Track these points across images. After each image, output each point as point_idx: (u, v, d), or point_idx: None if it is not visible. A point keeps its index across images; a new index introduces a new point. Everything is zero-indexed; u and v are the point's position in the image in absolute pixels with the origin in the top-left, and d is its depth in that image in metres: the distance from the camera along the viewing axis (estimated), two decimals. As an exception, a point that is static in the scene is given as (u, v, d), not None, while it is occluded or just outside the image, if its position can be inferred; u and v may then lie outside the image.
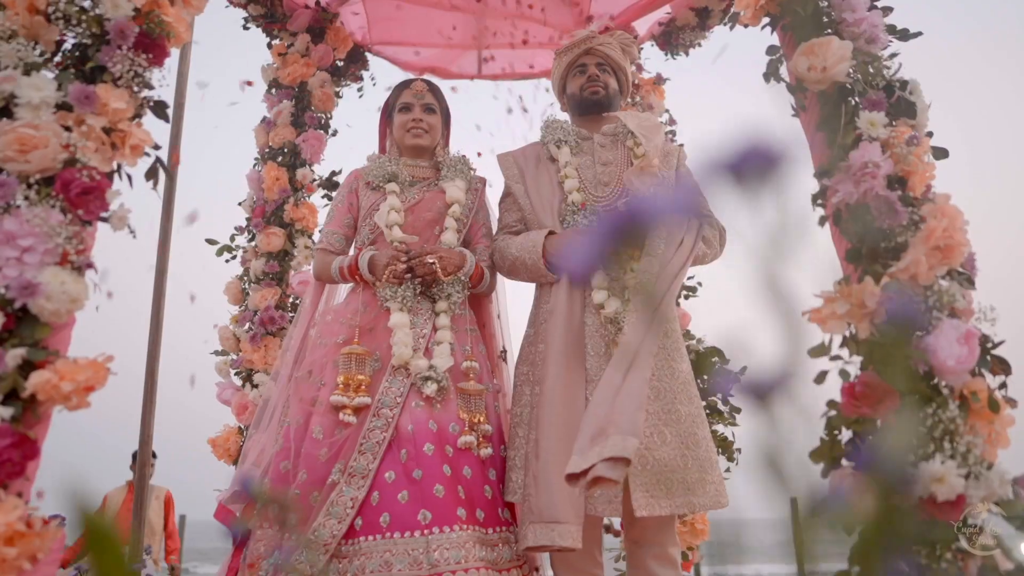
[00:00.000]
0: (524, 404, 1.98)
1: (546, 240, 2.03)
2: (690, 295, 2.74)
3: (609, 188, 2.12)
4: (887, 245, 1.39)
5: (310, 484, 1.79)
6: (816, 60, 1.53)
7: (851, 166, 1.41)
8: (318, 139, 2.80)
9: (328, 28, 3.02)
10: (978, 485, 1.21)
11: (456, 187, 2.14)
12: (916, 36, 1.72)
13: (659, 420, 1.88)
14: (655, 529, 1.92)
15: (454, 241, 2.09)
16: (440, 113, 2.25)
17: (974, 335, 1.29)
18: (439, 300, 2.02)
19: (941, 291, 1.30)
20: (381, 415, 1.85)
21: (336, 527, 1.73)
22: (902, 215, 1.37)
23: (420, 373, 1.89)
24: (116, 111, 1.41)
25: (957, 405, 1.28)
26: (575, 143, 2.19)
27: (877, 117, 1.47)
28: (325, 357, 1.96)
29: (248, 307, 2.57)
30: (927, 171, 1.48)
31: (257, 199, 2.74)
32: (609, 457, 1.50)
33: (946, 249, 1.36)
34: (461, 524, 1.74)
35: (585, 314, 1.99)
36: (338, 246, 2.15)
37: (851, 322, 1.34)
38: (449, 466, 1.81)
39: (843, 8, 1.62)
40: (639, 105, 2.91)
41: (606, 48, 2.24)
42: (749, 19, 1.69)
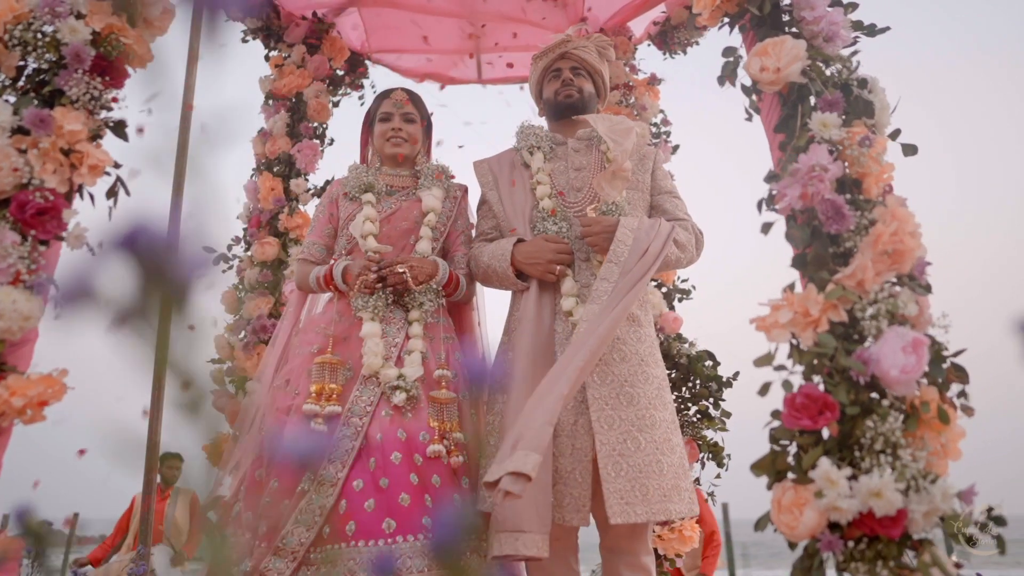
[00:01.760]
0: (496, 412, 1.98)
1: (515, 248, 2.02)
2: (684, 298, 2.70)
3: (582, 193, 2.11)
4: (835, 251, 1.35)
5: (281, 492, 1.82)
6: (769, 60, 1.50)
7: (799, 169, 1.38)
8: (312, 149, 2.85)
9: (324, 39, 3.07)
10: (920, 499, 1.17)
11: (432, 196, 2.15)
12: (883, 31, 1.67)
13: (633, 426, 1.85)
14: (628, 537, 1.91)
15: (428, 250, 2.10)
16: (420, 122, 2.27)
17: (922, 343, 1.25)
18: (412, 309, 2.03)
19: (884, 299, 1.25)
20: (351, 424, 1.87)
21: (304, 535, 1.75)
22: (849, 219, 1.33)
23: (389, 382, 1.90)
24: (72, 133, 1.45)
25: (904, 416, 1.24)
26: (549, 148, 2.18)
27: (830, 118, 1.43)
28: (301, 366, 1.99)
29: (242, 316, 2.63)
30: (883, 172, 1.43)
31: (253, 209, 2.79)
32: (512, 471, 1.49)
33: (895, 254, 1.31)
34: (426, 533, 1.74)
35: (555, 321, 1.98)
36: (318, 256, 2.18)
37: (794, 331, 1.30)
38: (417, 475, 1.82)
39: (802, 6, 1.58)
40: (633, 107, 2.88)
41: (581, 52, 2.23)
42: (707, 20, 1.66)
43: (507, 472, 1.53)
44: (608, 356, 1.91)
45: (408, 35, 3.28)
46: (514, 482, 1.53)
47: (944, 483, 1.18)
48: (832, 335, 1.29)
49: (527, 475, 1.53)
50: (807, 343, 1.29)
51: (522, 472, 1.52)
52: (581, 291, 1.98)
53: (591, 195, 2.08)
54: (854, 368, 1.21)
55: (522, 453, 1.55)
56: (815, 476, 1.20)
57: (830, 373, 1.27)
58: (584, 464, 1.85)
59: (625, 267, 1.89)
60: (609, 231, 1.94)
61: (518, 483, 1.53)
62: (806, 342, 1.29)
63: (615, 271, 1.89)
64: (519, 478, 1.53)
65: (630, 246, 1.92)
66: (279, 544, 1.74)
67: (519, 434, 1.61)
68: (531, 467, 1.53)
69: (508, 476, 1.53)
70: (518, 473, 1.53)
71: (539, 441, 1.57)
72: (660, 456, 1.85)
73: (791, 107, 1.53)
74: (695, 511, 1.90)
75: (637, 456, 1.82)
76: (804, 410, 1.24)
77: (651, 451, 1.84)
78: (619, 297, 1.85)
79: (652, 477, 1.81)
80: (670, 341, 2.57)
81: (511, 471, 1.53)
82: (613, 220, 1.97)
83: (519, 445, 1.58)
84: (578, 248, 2.03)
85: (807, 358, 1.27)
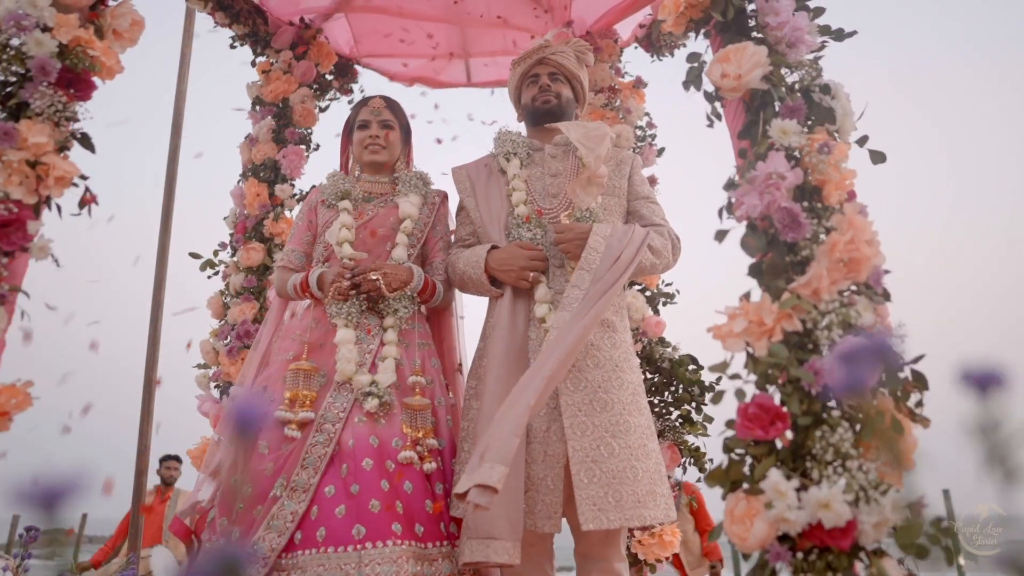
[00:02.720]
0: (471, 418, 1.99)
1: (489, 254, 2.03)
2: (668, 302, 2.69)
3: (557, 200, 2.11)
4: (793, 259, 1.35)
5: (254, 498, 1.83)
6: (730, 67, 1.49)
7: (756, 177, 1.37)
8: (298, 154, 2.86)
9: (311, 44, 3.08)
10: (870, 510, 1.16)
11: (409, 202, 2.16)
12: (850, 36, 1.66)
13: (607, 432, 1.85)
14: (601, 544, 1.91)
15: (404, 256, 2.11)
16: (399, 129, 2.28)
17: (877, 353, 1.24)
18: (387, 316, 2.04)
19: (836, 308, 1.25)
20: (324, 430, 1.88)
21: (276, 540, 1.76)
22: (805, 227, 1.32)
23: (362, 389, 1.91)
24: (37, 145, 1.47)
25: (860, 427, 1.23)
26: (526, 155, 2.18)
27: (789, 125, 1.42)
28: (277, 373, 2.01)
29: (228, 321, 2.64)
30: (844, 179, 1.42)
31: (239, 215, 2.81)
32: (478, 484, 1.50)
33: (851, 263, 1.30)
34: (396, 539, 1.75)
35: (529, 328, 1.98)
36: (297, 263, 2.19)
37: (748, 340, 1.30)
38: (388, 481, 1.83)
39: (766, 12, 1.57)
40: (618, 110, 2.88)
41: (559, 57, 2.23)
42: (672, 26, 1.65)
43: (474, 484, 1.54)
44: (582, 362, 1.91)
45: (396, 40, 3.29)
46: (480, 494, 1.54)
47: (894, 494, 1.17)
48: (787, 344, 1.29)
49: (493, 487, 1.54)
50: (761, 352, 1.28)
51: (488, 484, 1.53)
52: (555, 298, 1.98)
53: (567, 201, 2.08)
54: (804, 378, 1.21)
55: (488, 465, 1.56)
56: (765, 487, 1.19)
57: (786, 383, 1.27)
58: (556, 470, 1.85)
59: (597, 274, 1.89)
60: (582, 238, 1.94)
61: (484, 495, 1.54)
62: (760, 351, 1.28)
63: (586, 278, 1.89)
64: (485, 490, 1.54)
65: (602, 253, 1.92)
66: (250, 550, 1.75)
67: (486, 445, 1.62)
68: (496, 479, 1.54)
69: (475, 488, 1.54)
70: (484, 485, 1.54)
71: (505, 452, 1.57)
72: (635, 462, 1.85)
73: (754, 113, 1.52)
74: (672, 517, 1.90)
75: (611, 462, 1.82)
76: (756, 420, 1.24)
77: (625, 457, 1.84)
78: (590, 304, 1.85)
79: (626, 483, 1.81)
80: (652, 345, 2.56)
81: (477, 483, 1.54)
82: (586, 227, 1.97)
83: (486, 456, 1.59)
84: (553, 255, 2.03)
85: (761, 368, 1.27)
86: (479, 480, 1.54)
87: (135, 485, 2.91)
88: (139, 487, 2.92)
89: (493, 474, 1.54)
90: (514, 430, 1.61)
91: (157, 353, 3.07)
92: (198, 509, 1.98)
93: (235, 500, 1.85)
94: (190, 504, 2.03)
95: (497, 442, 1.60)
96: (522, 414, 1.64)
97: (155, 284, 3.14)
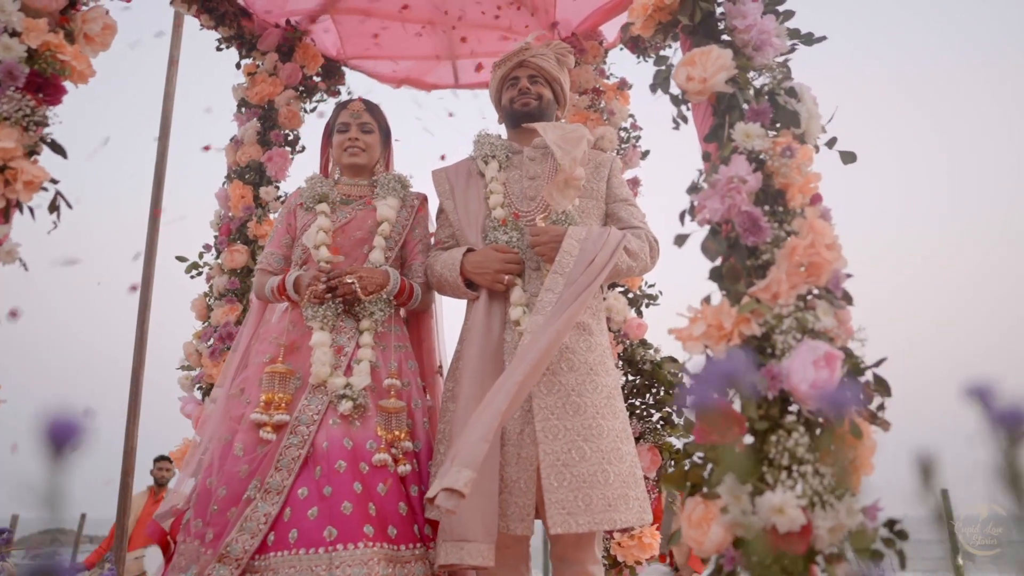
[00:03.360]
0: (447, 420, 1.99)
1: (464, 257, 2.03)
2: (650, 303, 2.69)
3: (535, 202, 2.11)
4: (754, 263, 1.35)
5: (228, 500, 1.84)
6: (695, 71, 1.49)
7: (718, 181, 1.37)
8: (283, 157, 2.87)
9: (297, 46, 3.09)
10: (825, 515, 1.16)
11: (387, 205, 2.17)
12: (820, 40, 1.66)
13: (578, 436, 1.85)
14: (575, 547, 1.91)
15: (381, 259, 2.11)
16: (379, 132, 2.28)
17: (835, 357, 1.23)
18: (363, 319, 2.04)
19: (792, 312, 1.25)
20: (298, 432, 1.89)
21: (248, 542, 1.77)
22: (766, 231, 1.32)
23: (336, 391, 1.92)
24: (4, 150, 1.48)
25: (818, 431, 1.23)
26: (505, 157, 2.18)
27: (752, 128, 1.42)
28: (254, 375, 2.02)
29: (211, 323, 2.65)
30: (808, 182, 1.42)
31: (223, 217, 2.82)
32: (445, 488, 1.51)
33: (811, 267, 1.30)
34: (367, 541, 1.76)
35: (505, 331, 1.99)
36: (276, 266, 2.20)
37: (707, 344, 1.30)
38: (361, 483, 1.83)
39: (734, 15, 1.57)
40: (602, 111, 2.88)
41: (539, 60, 2.23)
42: (640, 29, 1.65)
43: (441, 488, 1.55)
44: (556, 365, 1.91)
45: (383, 42, 3.29)
46: (448, 498, 1.55)
47: (849, 498, 1.17)
48: (747, 348, 1.28)
49: (460, 492, 1.55)
50: (720, 356, 1.28)
51: (455, 488, 1.54)
52: (530, 300, 1.98)
53: (544, 204, 2.08)
54: (758, 383, 1.21)
55: (455, 470, 1.57)
56: (721, 492, 1.19)
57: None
58: (529, 473, 1.85)
59: (570, 278, 1.89)
60: (556, 240, 1.95)
61: (451, 499, 1.55)
62: (719, 355, 1.28)
63: (560, 282, 1.89)
64: (452, 494, 1.55)
65: (575, 256, 1.92)
66: (223, 551, 1.76)
67: (457, 450, 1.63)
68: (463, 483, 1.55)
69: (442, 492, 1.55)
70: (451, 489, 1.55)
71: (473, 457, 1.59)
72: (606, 466, 1.85)
73: (721, 117, 1.52)
74: (645, 520, 1.90)
75: (582, 466, 1.82)
76: (714, 424, 1.24)
77: (596, 461, 1.84)
78: (564, 307, 1.85)
79: (596, 487, 1.81)
80: (634, 347, 2.56)
81: (444, 487, 1.55)
82: (561, 230, 1.97)
83: (455, 461, 1.60)
84: (529, 258, 2.03)
85: (719, 372, 1.27)
86: (446, 484, 1.55)
87: (121, 485, 2.93)
88: (125, 487, 2.93)
89: (460, 478, 1.55)
90: (483, 435, 1.62)
91: (144, 353, 3.08)
92: (173, 512, 1.99)
93: (210, 502, 1.86)
94: (168, 507, 2.04)
95: (466, 447, 1.61)
96: (493, 419, 1.64)
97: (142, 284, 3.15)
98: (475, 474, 1.57)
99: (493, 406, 1.66)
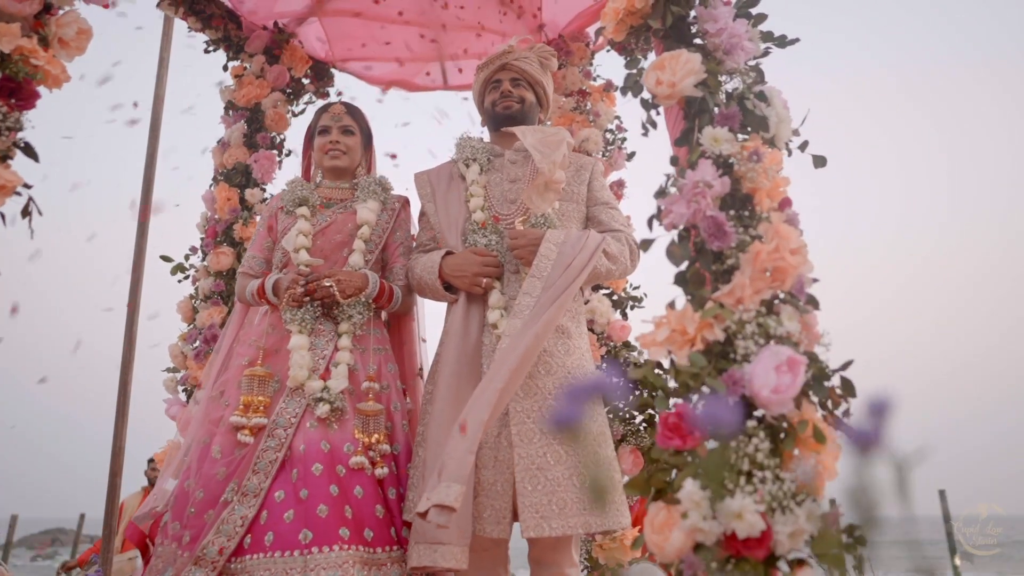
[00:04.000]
0: (425, 423, 1.99)
1: (443, 260, 2.03)
2: (635, 306, 2.69)
3: (515, 205, 2.11)
4: (719, 268, 1.35)
5: (206, 503, 1.84)
6: (664, 74, 1.49)
7: (685, 185, 1.37)
8: (269, 159, 2.87)
9: (284, 48, 3.09)
10: (785, 520, 1.16)
11: (367, 208, 2.17)
12: (792, 43, 1.66)
13: (555, 439, 1.86)
14: (552, 550, 1.91)
15: (360, 262, 2.11)
16: (360, 134, 2.28)
17: (798, 362, 1.23)
18: (341, 322, 2.05)
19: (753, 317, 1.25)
20: (275, 435, 1.89)
21: (225, 544, 1.77)
22: (730, 236, 1.32)
23: (313, 394, 1.92)
24: (-24, 155, 1.48)
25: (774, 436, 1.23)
26: (486, 160, 2.19)
27: (720, 132, 1.42)
28: (233, 378, 2.02)
29: (196, 325, 2.66)
30: (776, 186, 1.42)
31: (210, 219, 2.83)
32: (436, 504, 1.52)
33: (776, 272, 1.30)
34: (342, 544, 1.76)
35: (483, 334, 1.99)
36: (257, 269, 2.21)
37: (671, 349, 1.30)
38: (338, 486, 1.84)
39: (705, 19, 1.57)
40: (588, 113, 2.88)
41: (522, 63, 2.23)
42: (612, 33, 1.65)
43: (432, 504, 1.56)
44: (534, 369, 1.91)
45: (371, 43, 3.30)
46: (439, 514, 1.57)
47: (810, 504, 1.17)
48: (710, 354, 1.29)
49: (451, 507, 1.56)
50: (682, 361, 1.28)
51: (446, 504, 1.56)
52: (509, 303, 1.98)
53: (524, 207, 2.08)
54: (717, 389, 1.21)
55: (445, 485, 1.58)
56: (681, 497, 1.19)
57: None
58: (506, 476, 1.85)
59: (548, 281, 1.89)
60: (534, 244, 1.95)
61: (443, 515, 1.57)
62: (681, 360, 1.28)
63: (538, 285, 1.89)
64: (444, 510, 1.56)
65: (553, 260, 1.92)
66: (199, 554, 1.76)
67: (443, 463, 1.63)
68: (454, 498, 1.57)
69: (433, 508, 1.56)
70: (442, 505, 1.56)
71: (461, 471, 1.60)
72: (583, 469, 1.85)
73: (691, 121, 1.52)
74: (622, 524, 1.90)
75: (557, 469, 1.83)
76: (675, 430, 1.23)
77: (572, 464, 1.84)
78: (542, 311, 1.85)
79: (572, 490, 1.82)
80: (617, 349, 2.56)
81: (435, 504, 1.56)
82: (539, 233, 1.97)
83: (443, 475, 1.60)
84: (508, 261, 2.03)
85: (682, 377, 1.27)
86: (437, 500, 1.57)
87: (109, 486, 2.94)
88: (113, 488, 2.94)
89: (451, 493, 1.56)
90: (469, 447, 1.63)
91: (133, 353, 3.09)
92: (152, 514, 2.00)
93: (187, 504, 1.87)
94: (147, 509, 2.05)
95: (453, 461, 1.62)
96: (476, 431, 1.65)
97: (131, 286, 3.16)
98: (464, 487, 1.58)
99: (475, 417, 1.67)
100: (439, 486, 1.57)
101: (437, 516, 1.54)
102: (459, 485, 1.58)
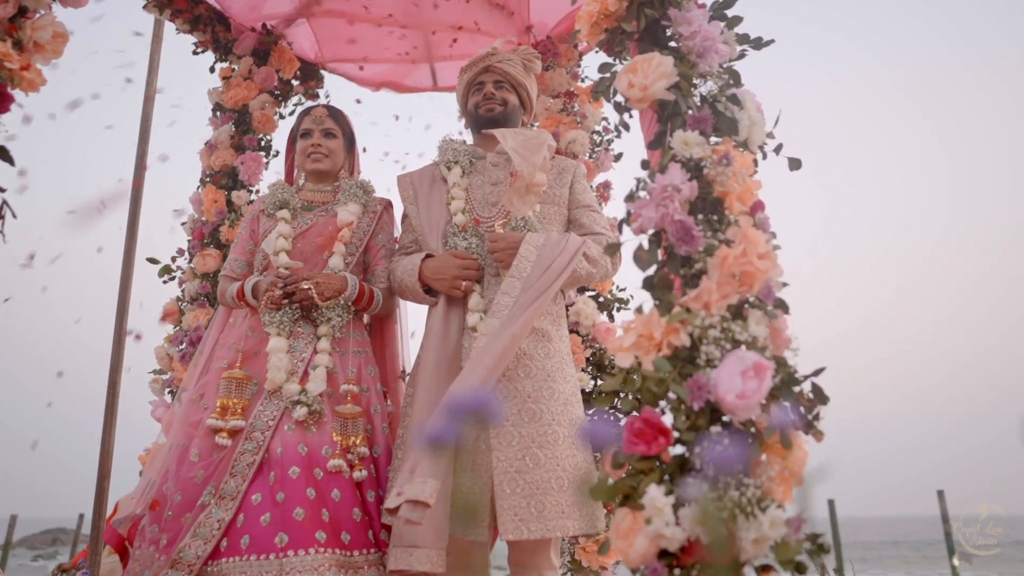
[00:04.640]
0: (405, 425, 1.99)
1: (423, 263, 2.03)
2: (622, 307, 2.68)
3: (496, 208, 2.11)
4: (687, 272, 1.34)
5: (183, 506, 1.84)
6: (637, 78, 1.48)
7: (654, 189, 1.37)
8: (256, 161, 2.87)
9: (272, 50, 3.09)
10: (749, 526, 1.16)
11: (348, 211, 2.17)
12: (768, 44, 1.65)
13: (533, 443, 1.85)
14: (531, 553, 1.91)
15: (340, 265, 2.11)
16: (342, 137, 2.28)
17: (765, 368, 1.23)
18: (321, 324, 2.05)
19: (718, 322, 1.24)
20: (253, 438, 1.89)
21: (201, 548, 1.77)
22: (698, 241, 1.31)
23: (292, 397, 1.92)
24: (-51, 159, 1.49)
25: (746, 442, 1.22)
26: (468, 163, 2.18)
27: (691, 136, 1.41)
28: (213, 381, 2.02)
29: (182, 327, 2.66)
30: (747, 190, 1.41)
31: (197, 221, 2.83)
32: (410, 500, 1.51)
33: (744, 276, 1.30)
34: (319, 547, 1.76)
35: (463, 337, 1.99)
36: (239, 272, 2.21)
37: (638, 354, 1.29)
38: (315, 489, 1.83)
39: (679, 22, 1.56)
40: (575, 115, 2.87)
41: (505, 65, 2.22)
42: (586, 36, 1.65)
43: (405, 500, 1.55)
44: (513, 372, 1.91)
45: (360, 44, 3.29)
46: (412, 510, 1.56)
47: (774, 510, 1.16)
48: (677, 359, 1.28)
49: (425, 503, 1.55)
50: (648, 367, 1.27)
51: (420, 500, 1.55)
52: (488, 307, 1.98)
53: (504, 210, 2.08)
54: (679, 394, 1.20)
55: (419, 480, 1.58)
56: (645, 503, 1.19)
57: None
58: (484, 479, 1.85)
59: (527, 282, 1.89)
60: (514, 247, 1.94)
61: (416, 511, 1.56)
62: (647, 365, 1.28)
63: (516, 286, 1.89)
64: (417, 506, 1.56)
65: (533, 261, 1.92)
66: (176, 557, 1.76)
67: (417, 459, 1.63)
68: (428, 494, 1.56)
69: (406, 504, 1.55)
70: (416, 501, 1.55)
71: (435, 467, 1.59)
72: (561, 473, 1.85)
73: (664, 124, 1.51)
74: (598, 528, 1.90)
75: (535, 472, 1.82)
76: (641, 435, 1.23)
77: (551, 468, 1.84)
78: (520, 312, 1.85)
79: (550, 494, 1.81)
80: (603, 351, 2.56)
81: (409, 499, 1.55)
82: (518, 235, 1.97)
83: (417, 471, 1.60)
84: (488, 264, 2.03)
85: (648, 383, 1.26)
86: (411, 496, 1.56)
87: (97, 489, 2.94)
88: (101, 491, 2.94)
89: (425, 489, 1.56)
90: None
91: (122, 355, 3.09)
92: (131, 517, 2.00)
93: (165, 507, 1.87)
94: (127, 512, 2.05)
95: (427, 457, 1.61)
96: None
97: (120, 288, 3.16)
98: (439, 483, 1.58)
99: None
100: (413, 481, 1.57)
101: (410, 512, 1.53)
102: (435, 480, 1.57)
